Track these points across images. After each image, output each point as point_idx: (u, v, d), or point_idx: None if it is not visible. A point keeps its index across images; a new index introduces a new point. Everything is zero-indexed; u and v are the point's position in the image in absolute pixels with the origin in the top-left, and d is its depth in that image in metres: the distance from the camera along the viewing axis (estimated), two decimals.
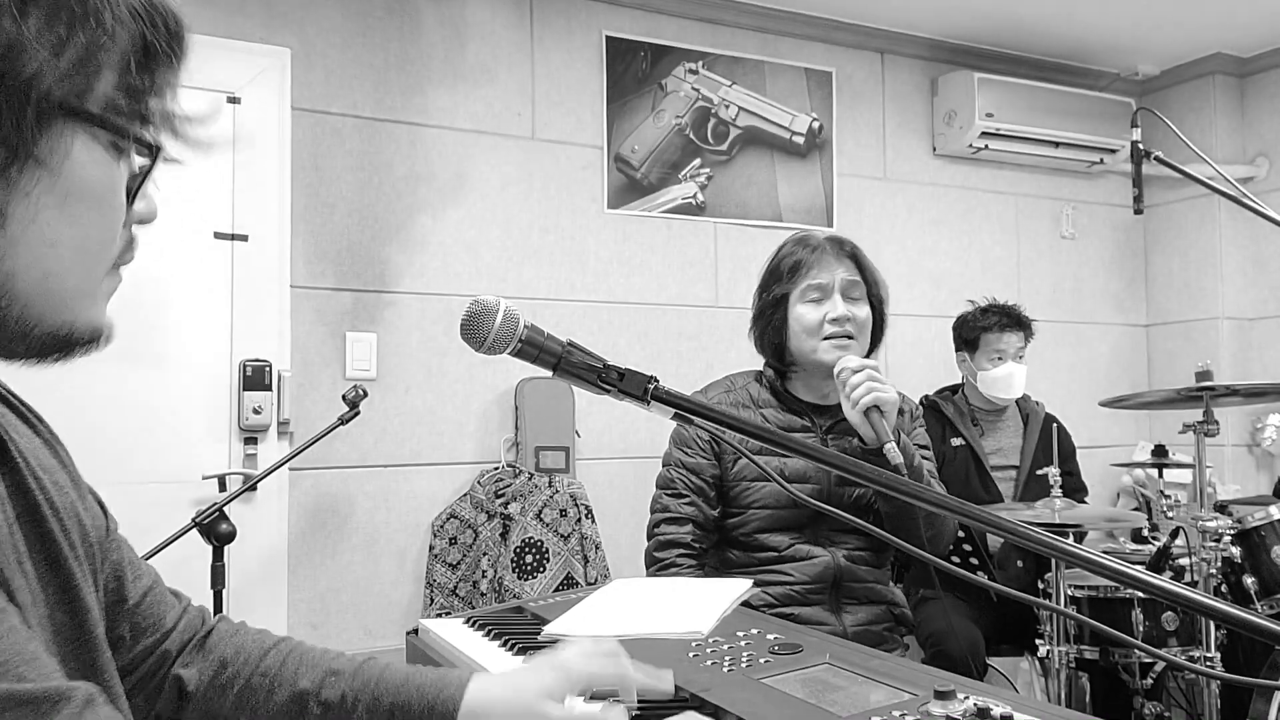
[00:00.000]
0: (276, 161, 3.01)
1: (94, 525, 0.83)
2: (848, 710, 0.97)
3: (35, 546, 0.71)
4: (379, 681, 0.88)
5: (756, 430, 1.03)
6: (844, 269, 1.95)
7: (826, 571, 1.89)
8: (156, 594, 0.91)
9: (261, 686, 0.90)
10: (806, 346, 1.93)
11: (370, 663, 0.91)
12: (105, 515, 0.87)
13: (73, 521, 0.77)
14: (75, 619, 0.73)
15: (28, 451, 0.76)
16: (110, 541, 0.87)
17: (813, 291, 1.93)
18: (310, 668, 0.91)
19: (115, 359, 2.76)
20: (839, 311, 1.91)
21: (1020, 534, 0.88)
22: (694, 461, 1.95)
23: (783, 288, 1.96)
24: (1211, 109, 4.30)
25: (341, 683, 0.89)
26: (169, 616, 0.91)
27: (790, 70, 3.84)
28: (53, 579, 0.71)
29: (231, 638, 0.94)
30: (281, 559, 2.98)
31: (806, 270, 1.95)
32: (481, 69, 3.34)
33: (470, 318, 1.01)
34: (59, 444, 0.84)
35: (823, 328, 1.91)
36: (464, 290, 3.24)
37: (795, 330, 1.94)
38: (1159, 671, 2.54)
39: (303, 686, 0.89)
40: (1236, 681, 2.67)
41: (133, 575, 0.88)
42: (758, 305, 2.02)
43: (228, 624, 0.97)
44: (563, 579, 3.05)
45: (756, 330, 2.02)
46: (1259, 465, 4.28)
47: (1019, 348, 3.06)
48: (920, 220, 4.09)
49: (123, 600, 0.87)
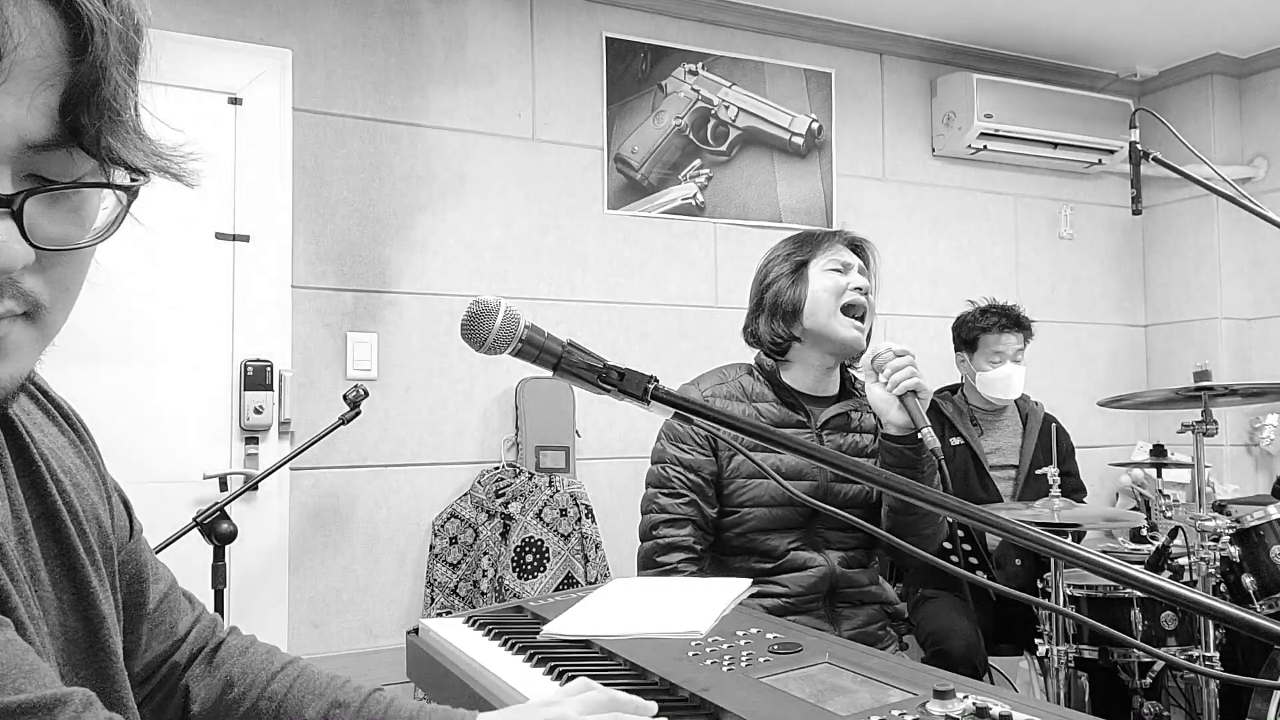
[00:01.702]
0: (278, 162, 3.02)
1: (117, 527, 0.82)
2: (848, 710, 0.97)
3: (52, 552, 0.70)
4: (385, 718, 0.87)
5: (756, 429, 1.03)
6: (854, 258, 1.98)
7: (822, 581, 1.88)
8: (171, 599, 0.91)
9: (267, 711, 0.89)
10: (824, 311, 1.91)
11: (377, 695, 0.90)
12: (130, 518, 0.87)
13: (92, 525, 0.76)
14: (89, 626, 0.72)
15: (49, 452, 0.75)
16: (133, 546, 0.86)
17: (835, 263, 1.95)
18: (316, 697, 0.90)
19: (117, 359, 2.77)
20: (861, 282, 1.93)
21: (1019, 534, 0.88)
22: (691, 458, 1.90)
23: (803, 255, 1.96)
24: (1210, 110, 4.31)
25: (346, 716, 0.88)
26: (181, 623, 0.91)
27: (790, 71, 3.85)
28: (68, 586, 0.71)
29: (240, 656, 0.93)
30: (282, 558, 2.98)
31: (828, 247, 1.96)
32: (482, 70, 3.35)
33: (471, 318, 1.01)
34: (86, 441, 0.82)
35: (844, 295, 1.91)
36: (464, 290, 3.25)
37: (815, 294, 1.92)
38: (1158, 671, 2.54)
39: (307, 717, 0.88)
40: (1236, 681, 2.67)
41: (153, 579, 0.88)
42: (765, 281, 1.99)
43: (238, 639, 0.96)
44: (563, 578, 3.05)
45: (765, 303, 1.97)
46: (1257, 465, 4.29)
47: (1018, 349, 3.06)
48: (919, 221, 4.10)
49: (142, 605, 0.86)
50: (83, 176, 0.59)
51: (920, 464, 1.82)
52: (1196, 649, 2.38)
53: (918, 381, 1.78)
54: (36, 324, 0.61)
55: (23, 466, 0.71)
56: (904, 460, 1.82)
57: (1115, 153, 4.21)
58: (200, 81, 2.92)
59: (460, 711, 0.88)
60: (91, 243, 0.62)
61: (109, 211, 0.63)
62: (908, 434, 1.80)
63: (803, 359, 1.98)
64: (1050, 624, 2.44)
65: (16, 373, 0.60)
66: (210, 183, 2.93)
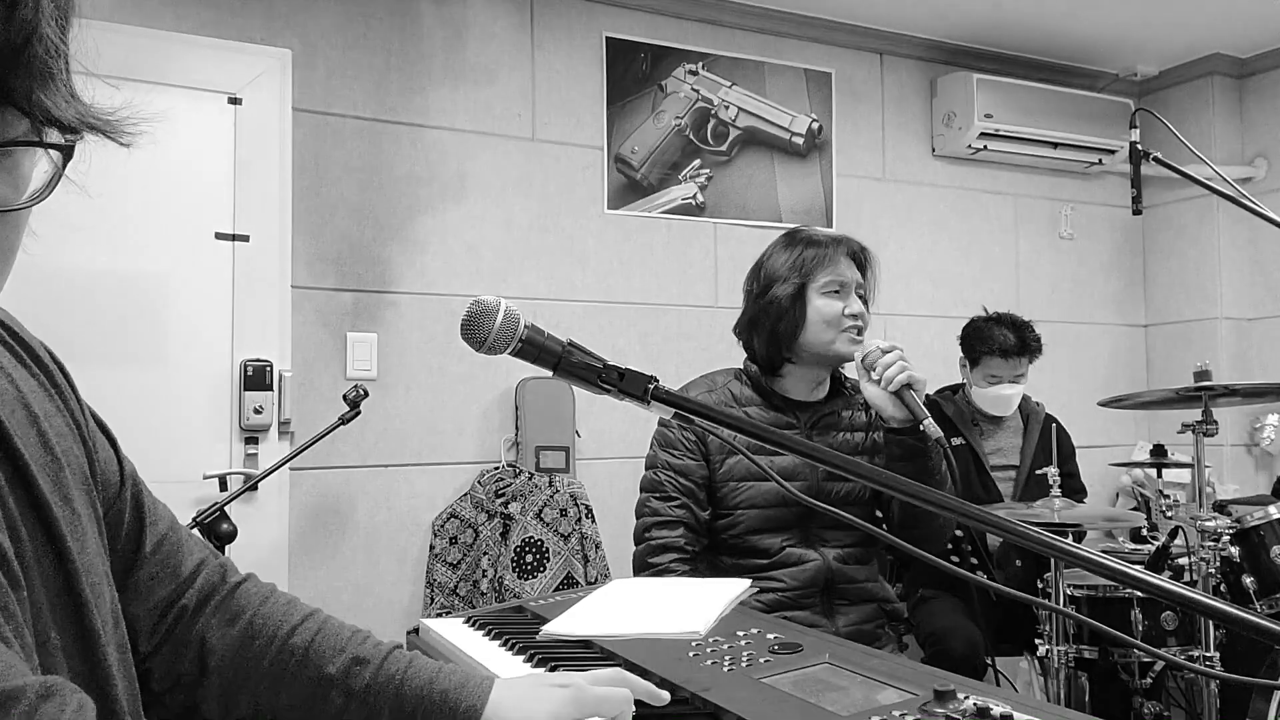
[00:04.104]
0: (277, 162, 3.02)
1: (103, 470, 0.80)
2: (848, 710, 0.97)
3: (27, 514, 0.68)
4: (403, 678, 0.87)
5: (756, 429, 1.03)
6: (853, 270, 1.98)
7: (818, 576, 1.88)
8: (172, 541, 0.89)
9: (287, 666, 0.88)
10: (824, 338, 1.92)
11: (397, 653, 0.90)
12: (119, 459, 0.85)
13: (68, 475, 0.73)
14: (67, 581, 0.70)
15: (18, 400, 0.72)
16: (126, 486, 0.84)
17: (834, 285, 1.95)
18: (337, 652, 0.89)
19: (116, 359, 2.77)
20: (858, 308, 1.95)
21: (1020, 534, 0.88)
22: (682, 463, 1.92)
23: (801, 279, 1.96)
24: (1210, 110, 4.31)
25: (366, 673, 0.88)
26: (186, 564, 0.89)
27: (790, 71, 3.85)
28: (48, 545, 0.69)
29: (260, 606, 0.92)
30: (282, 558, 2.98)
31: (827, 265, 1.96)
32: (482, 70, 3.35)
33: (470, 318, 1.01)
34: (59, 383, 0.79)
35: (842, 320, 1.92)
36: (464, 290, 3.25)
37: (814, 322, 1.93)
38: (1158, 671, 2.54)
39: (328, 672, 0.88)
40: (1236, 681, 2.67)
41: (150, 520, 0.87)
42: (761, 300, 1.99)
43: (256, 585, 0.94)
44: (563, 578, 3.05)
45: (763, 323, 1.97)
46: (1258, 465, 4.29)
47: (1018, 373, 3.03)
48: (919, 221, 4.10)
49: (138, 548, 0.85)
50: (16, 138, 0.57)
51: (927, 453, 1.83)
52: (1196, 649, 2.39)
53: (910, 374, 1.79)
54: None
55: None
56: (910, 452, 1.83)
57: (1115, 153, 4.21)
58: (200, 81, 2.92)
59: (478, 675, 0.90)
60: (28, 204, 0.60)
61: (45, 173, 0.61)
62: (910, 426, 1.81)
63: (795, 372, 2.00)
64: (1050, 624, 2.44)
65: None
66: (210, 183, 2.93)
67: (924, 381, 1.82)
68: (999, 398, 3.02)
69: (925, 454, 1.83)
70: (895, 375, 1.79)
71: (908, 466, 1.82)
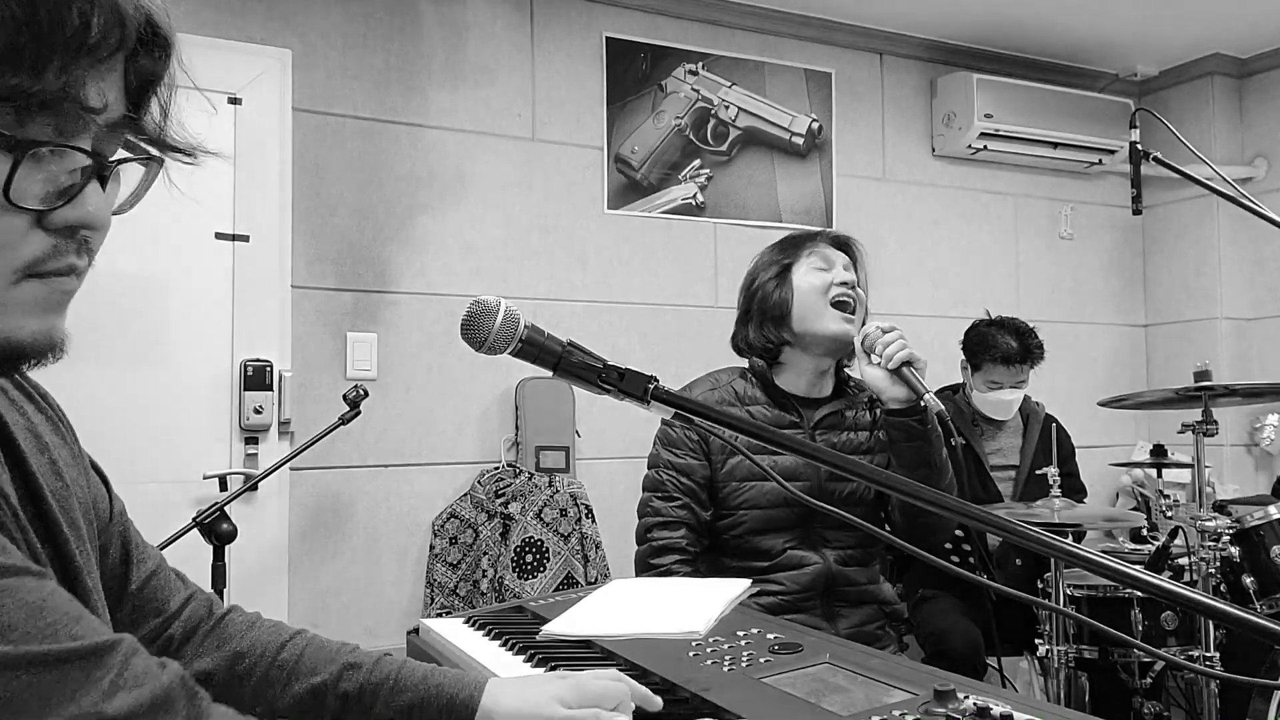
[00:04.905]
0: (277, 162, 3.02)
1: (98, 504, 0.83)
2: (848, 710, 0.97)
3: (40, 530, 0.71)
4: (398, 678, 0.89)
5: (756, 429, 1.03)
6: (839, 254, 1.99)
7: (818, 579, 1.88)
8: (161, 578, 0.91)
9: (278, 679, 0.90)
10: (813, 311, 1.91)
11: (388, 658, 0.92)
12: (110, 496, 0.87)
13: (75, 502, 0.76)
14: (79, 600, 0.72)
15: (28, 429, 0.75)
16: (115, 522, 0.86)
17: (818, 260, 1.95)
18: (328, 661, 0.91)
19: (117, 359, 2.77)
20: (846, 276, 1.94)
21: (1020, 534, 0.88)
22: (684, 463, 1.92)
23: (786, 259, 1.97)
24: (1210, 110, 4.31)
25: (360, 675, 0.89)
26: (173, 600, 0.91)
27: (790, 71, 3.85)
28: (57, 563, 0.71)
29: (248, 631, 0.94)
30: (282, 559, 2.98)
31: (810, 246, 1.97)
32: (482, 70, 3.35)
33: (470, 318, 1.02)
34: (63, 420, 0.83)
35: (830, 290, 1.92)
36: (464, 290, 3.25)
37: (802, 294, 1.93)
38: (1158, 671, 2.54)
39: (320, 679, 0.89)
40: (1236, 681, 2.67)
41: (138, 557, 0.89)
42: (752, 288, 2.00)
43: (242, 615, 0.97)
44: (563, 578, 3.05)
45: (754, 311, 1.98)
46: (1257, 465, 4.29)
47: (1019, 379, 3.02)
48: (919, 221, 4.10)
49: (125, 584, 0.87)
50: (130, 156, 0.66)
51: (928, 434, 1.83)
52: (1196, 649, 2.39)
53: (910, 352, 1.79)
54: None
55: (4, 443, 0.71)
56: (911, 433, 1.83)
57: (1115, 153, 4.21)
58: (200, 81, 2.88)
59: (472, 674, 0.92)
60: (129, 205, 0.69)
61: (131, 185, 0.69)
62: (910, 406, 1.81)
63: (795, 362, 1.98)
64: (1050, 624, 2.44)
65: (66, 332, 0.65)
66: (210, 183, 2.93)
67: (924, 362, 1.82)
68: (999, 403, 3.02)
69: (925, 436, 1.83)
70: (896, 351, 1.79)
71: (909, 449, 1.82)
